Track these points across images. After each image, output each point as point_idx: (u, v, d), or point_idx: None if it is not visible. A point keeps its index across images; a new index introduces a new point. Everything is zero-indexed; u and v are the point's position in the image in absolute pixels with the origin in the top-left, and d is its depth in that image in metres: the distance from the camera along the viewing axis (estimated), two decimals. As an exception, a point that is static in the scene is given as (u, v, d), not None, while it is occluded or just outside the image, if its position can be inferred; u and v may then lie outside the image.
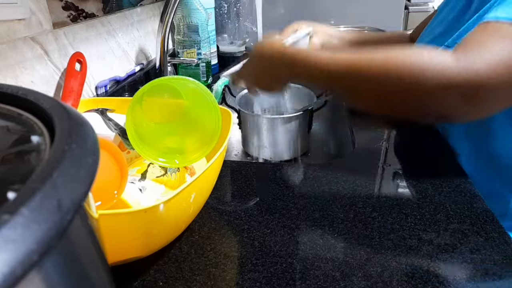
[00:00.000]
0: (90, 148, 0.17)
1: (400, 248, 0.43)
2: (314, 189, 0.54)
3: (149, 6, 1.02)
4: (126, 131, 0.48)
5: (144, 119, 0.51)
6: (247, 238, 0.45)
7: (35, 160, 0.16)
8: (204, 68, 0.95)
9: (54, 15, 0.67)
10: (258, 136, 0.84)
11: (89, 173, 0.16)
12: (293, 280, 0.39)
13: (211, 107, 0.48)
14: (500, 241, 0.44)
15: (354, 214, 0.49)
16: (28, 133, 0.18)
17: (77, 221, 0.16)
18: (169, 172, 0.55)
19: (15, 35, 0.59)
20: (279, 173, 0.59)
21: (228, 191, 0.56)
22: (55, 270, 0.14)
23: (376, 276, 0.40)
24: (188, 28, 0.94)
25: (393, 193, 0.53)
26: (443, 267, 0.41)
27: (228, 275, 0.40)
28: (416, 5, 1.96)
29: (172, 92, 0.53)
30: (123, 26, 0.90)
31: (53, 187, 0.14)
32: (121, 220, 0.35)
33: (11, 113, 0.20)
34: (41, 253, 0.12)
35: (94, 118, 0.56)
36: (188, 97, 0.52)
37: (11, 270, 0.11)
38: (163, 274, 0.41)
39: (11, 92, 0.20)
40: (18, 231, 0.12)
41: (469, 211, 0.49)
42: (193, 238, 0.46)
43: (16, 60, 0.59)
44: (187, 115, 0.53)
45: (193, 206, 0.42)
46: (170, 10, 0.77)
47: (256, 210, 0.50)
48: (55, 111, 0.19)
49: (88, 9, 0.76)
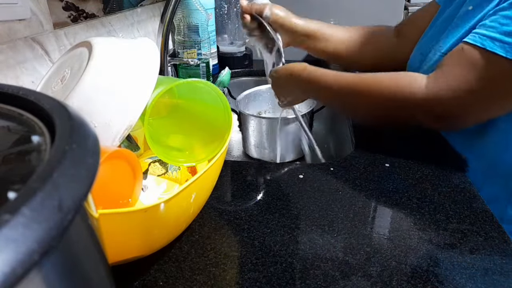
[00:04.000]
0: (91, 148, 0.17)
1: (400, 248, 0.43)
2: (314, 189, 0.54)
3: (149, 7, 1.02)
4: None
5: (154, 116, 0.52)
6: (247, 237, 0.45)
7: (36, 160, 0.16)
8: (204, 69, 0.95)
9: (55, 16, 0.67)
10: (259, 137, 0.84)
11: (89, 173, 0.16)
12: (293, 279, 0.39)
13: (222, 107, 0.48)
14: (500, 241, 0.44)
15: (354, 214, 0.49)
16: (29, 133, 0.18)
17: (77, 221, 0.16)
18: (170, 171, 0.55)
19: (16, 35, 0.59)
20: (279, 173, 0.59)
21: (228, 191, 0.56)
22: (55, 270, 0.14)
23: (375, 276, 0.40)
24: (188, 29, 0.94)
25: (392, 193, 0.53)
26: (443, 267, 0.41)
27: (228, 275, 0.40)
28: (416, 5, 1.96)
29: (172, 93, 0.54)
30: (123, 26, 0.90)
31: (53, 187, 0.14)
32: (121, 219, 0.35)
33: (12, 113, 0.20)
34: (42, 253, 0.12)
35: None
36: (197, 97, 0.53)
37: (12, 269, 0.11)
38: (164, 273, 0.41)
39: (11, 92, 0.20)
40: (19, 231, 0.12)
41: (469, 211, 0.49)
42: (193, 237, 0.46)
43: (16, 60, 0.59)
44: (195, 114, 0.53)
45: (194, 206, 0.42)
46: (170, 10, 0.77)
47: (256, 210, 0.50)
48: (56, 111, 0.19)
49: (88, 10, 0.77)
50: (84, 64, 0.44)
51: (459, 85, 0.55)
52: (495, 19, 0.53)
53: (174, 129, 0.54)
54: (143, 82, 0.45)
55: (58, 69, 0.49)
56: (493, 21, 0.54)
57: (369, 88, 0.63)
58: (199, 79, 0.46)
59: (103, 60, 0.44)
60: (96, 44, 0.45)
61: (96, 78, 0.42)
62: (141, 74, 0.46)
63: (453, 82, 0.55)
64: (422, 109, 0.58)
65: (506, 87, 0.54)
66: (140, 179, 0.45)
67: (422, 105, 0.58)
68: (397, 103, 0.60)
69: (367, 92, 0.63)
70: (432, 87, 0.57)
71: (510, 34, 0.51)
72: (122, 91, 0.44)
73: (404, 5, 1.18)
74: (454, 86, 0.55)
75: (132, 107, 0.44)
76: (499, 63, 0.52)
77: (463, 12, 0.63)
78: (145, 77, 0.46)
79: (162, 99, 0.53)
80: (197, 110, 0.54)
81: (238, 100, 0.89)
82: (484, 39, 0.53)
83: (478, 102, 0.56)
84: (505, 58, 0.51)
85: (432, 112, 0.58)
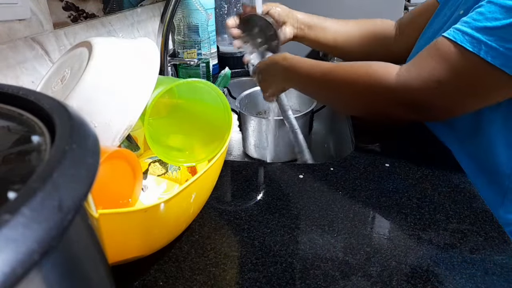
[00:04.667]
0: (91, 148, 0.17)
1: (400, 248, 0.43)
2: (314, 189, 0.54)
3: (149, 7, 1.02)
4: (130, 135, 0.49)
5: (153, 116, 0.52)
6: (247, 237, 0.45)
7: (36, 160, 0.16)
8: (204, 68, 0.95)
9: (55, 16, 0.67)
10: (259, 137, 0.84)
11: (89, 173, 0.16)
12: (293, 279, 0.39)
13: (222, 107, 0.48)
14: (500, 241, 0.44)
15: (354, 214, 0.49)
16: (29, 133, 0.18)
17: (77, 221, 0.16)
18: (170, 171, 0.55)
19: (16, 35, 0.59)
20: (279, 173, 0.59)
21: (228, 191, 0.56)
22: (55, 270, 0.14)
23: (375, 276, 0.40)
24: (188, 29, 0.94)
25: (392, 193, 0.53)
26: (443, 267, 0.41)
27: (228, 275, 0.40)
28: (416, 5, 1.96)
29: (172, 93, 0.54)
30: (123, 26, 0.90)
31: (53, 187, 0.14)
32: (121, 219, 0.35)
33: (12, 113, 0.20)
34: (42, 253, 0.12)
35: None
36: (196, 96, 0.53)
37: (12, 269, 0.11)
38: (164, 273, 0.41)
39: (11, 92, 0.20)
40: (19, 231, 0.12)
41: (469, 211, 0.49)
42: (193, 237, 0.46)
43: (16, 60, 0.59)
44: (195, 114, 0.53)
45: (194, 206, 0.42)
46: (170, 10, 0.77)
47: (256, 210, 0.50)
48: (56, 111, 0.19)
49: (88, 10, 0.77)
50: (84, 64, 0.44)
51: (428, 76, 0.56)
52: (470, 15, 0.55)
53: (174, 129, 0.54)
54: (143, 82, 0.45)
55: (58, 69, 0.49)
56: (468, 17, 0.55)
57: (344, 76, 0.64)
58: (199, 79, 0.46)
59: (103, 60, 0.44)
60: (96, 44, 0.45)
61: (96, 78, 0.42)
62: (141, 74, 0.46)
63: (423, 72, 0.56)
64: (392, 96, 0.59)
65: (474, 81, 0.55)
66: (140, 179, 0.45)
67: (392, 93, 0.59)
68: (370, 91, 0.61)
69: (342, 80, 0.64)
70: (403, 75, 0.58)
71: (480, 30, 0.52)
72: (122, 91, 0.44)
73: (404, 5, 1.18)
74: (423, 76, 0.56)
75: (132, 107, 0.44)
76: (467, 57, 0.53)
77: (455, 16, 0.63)
78: (145, 77, 0.46)
79: (162, 99, 0.53)
80: (197, 110, 0.54)
81: (238, 100, 0.89)
82: (457, 33, 0.54)
83: (446, 94, 0.56)
84: (472, 53, 0.52)
85: (402, 100, 0.59)
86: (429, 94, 0.57)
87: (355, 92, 0.64)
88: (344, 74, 0.64)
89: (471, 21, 0.54)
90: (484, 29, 0.52)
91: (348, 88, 0.64)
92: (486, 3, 0.53)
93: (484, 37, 0.51)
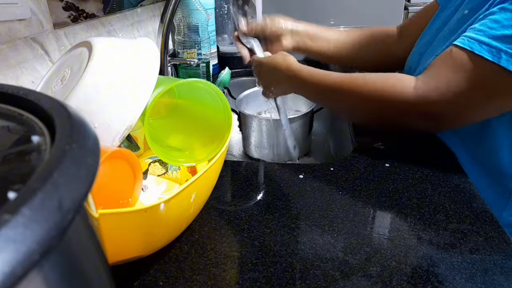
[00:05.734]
0: (91, 148, 0.17)
1: (400, 248, 0.43)
2: (314, 189, 0.54)
3: (149, 7, 1.02)
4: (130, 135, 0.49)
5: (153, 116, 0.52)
6: (247, 237, 0.45)
7: (36, 160, 0.16)
8: (204, 69, 0.95)
9: (55, 16, 0.67)
10: (259, 137, 0.84)
11: (89, 173, 0.16)
12: (293, 279, 0.39)
13: (222, 107, 0.48)
14: (500, 241, 0.44)
15: (354, 214, 0.49)
16: (29, 133, 0.18)
17: (77, 221, 0.16)
18: (170, 171, 0.55)
19: (16, 35, 0.59)
20: (279, 173, 0.59)
21: (228, 191, 0.56)
22: (55, 270, 0.14)
23: (375, 276, 0.40)
24: (188, 29, 0.94)
25: (392, 193, 0.53)
26: (443, 267, 0.41)
27: (228, 275, 0.40)
28: (416, 5, 1.96)
29: (172, 93, 0.54)
30: (123, 26, 0.90)
31: (53, 187, 0.14)
32: (121, 219, 0.35)
33: (12, 113, 0.20)
34: (42, 253, 0.12)
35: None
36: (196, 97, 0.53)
37: (12, 270, 0.11)
38: (164, 273, 0.41)
39: (11, 92, 0.20)
40: (19, 231, 0.12)
41: (469, 211, 0.49)
42: (193, 237, 0.46)
43: (16, 60, 0.59)
44: (195, 114, 0.53)
45: (194, 206, 0.42)
46: (170, 10, 0.77)
47: (256, 210, 0.50)
48: (56, 111, 0.19)
49: (88, 10, 0.77)
50: (84, 64, 0.44)
51: (447, 87, 0.56)
52: (484, 23, 0.54)
53: (174, 129, 0.54)
54: (143, 82, 0.45)
55: (58, 69, 0.49)
56: (482, 25, 0.54)
57: (358, 90, 0.63)
58: (199, 79, 0.46)
59: (103, 60, 0.44)
60: (96, 44, 0.45)
61: (96, 78, 0.42)
62: (141, 74, 0.46)
63: (441, 83, 0.56)
64: (411, 109, 0.59)
65: (492, 89, 0.55)
66: (140, 179, 0.45)
67: (412, 107, 0.58)
68: (385, 103, 0.61)
69: (356, 94, 0.63)
70: (421, 88, 0.58)
71: (497, 39, 0.51)
72: (122, 91, 0.44)
73: (404, 5, 1.18)
74: (442, 87, 0.56)
75: (132, 107, 0.44)
76: (486, 67, 0.52)
77: (459, 16, 0.63)
78: (145, 77, 0.46)
79: (162, 99, 0.54)
80: (197, 110, 0.54)
81: (238, 100, 0.89)
82: (472, 42, 0.53)
83: (466, 103, 0.56)
84: (491, 62, 0.52)
85: (422, 112, 0.59)
86: (449, 106, 0.57)
87: (372, 106, 0.63)
88: (358, 88, 0.63)
89: (487, 29, 0.53)
90: (502, 37, 0.51)
91: (363, 101, 0.63)
92: (499, 10, 0.53)
93: (503, 45, 0.51)
